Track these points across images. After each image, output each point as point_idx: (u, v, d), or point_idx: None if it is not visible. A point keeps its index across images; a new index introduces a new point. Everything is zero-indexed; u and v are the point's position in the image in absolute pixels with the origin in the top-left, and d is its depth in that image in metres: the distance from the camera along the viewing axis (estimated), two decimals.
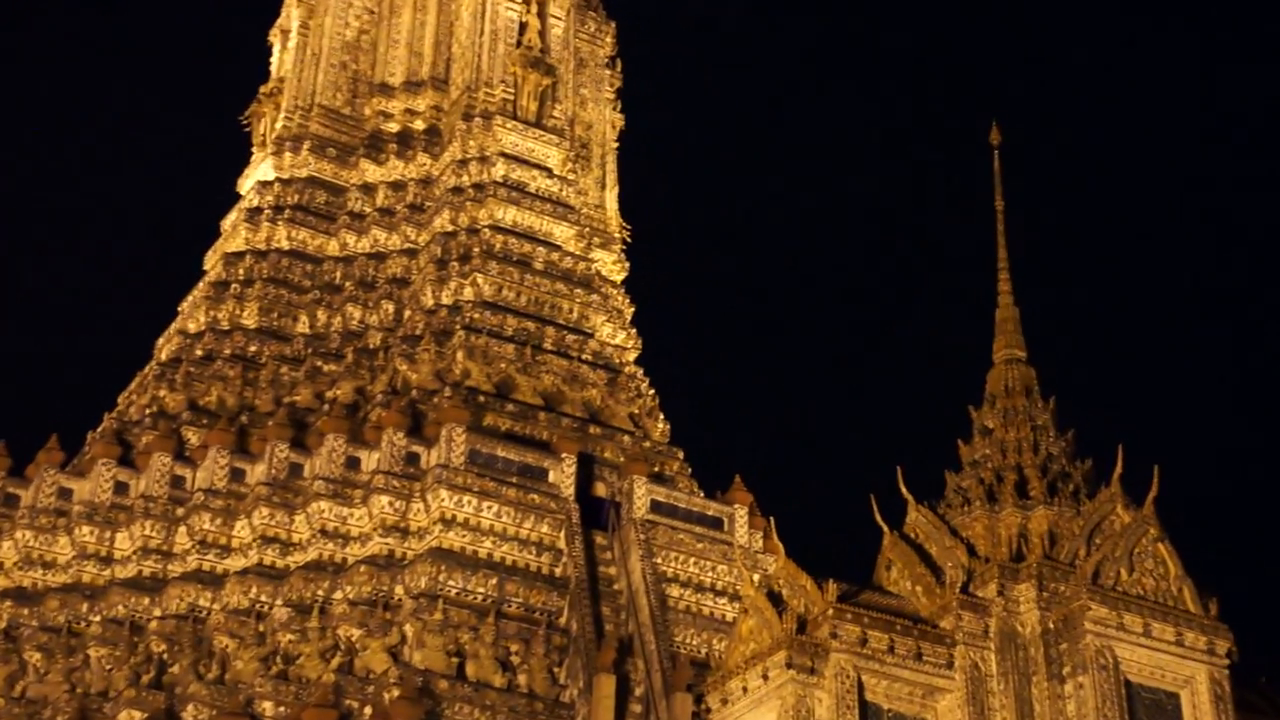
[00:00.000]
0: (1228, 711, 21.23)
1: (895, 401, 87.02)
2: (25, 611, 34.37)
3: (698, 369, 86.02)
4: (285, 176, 45.04)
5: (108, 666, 33.16)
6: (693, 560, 35.59)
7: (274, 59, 49.17)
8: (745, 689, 21.57)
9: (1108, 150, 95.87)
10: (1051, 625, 21.52)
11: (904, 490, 23.88)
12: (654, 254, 55.50)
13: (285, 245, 43.47)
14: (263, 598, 33.94)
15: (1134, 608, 21.47)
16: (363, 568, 33.97)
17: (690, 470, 39.59)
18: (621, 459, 37.60)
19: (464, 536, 34.44)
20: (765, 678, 21.28)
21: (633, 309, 44.66)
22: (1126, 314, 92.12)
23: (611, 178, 48.81)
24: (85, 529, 35.78)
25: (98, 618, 34.05)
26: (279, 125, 46.52)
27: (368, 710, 30.46)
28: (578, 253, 43.60)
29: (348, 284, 42.66)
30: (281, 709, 31.09)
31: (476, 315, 40.01)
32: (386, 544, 34.64)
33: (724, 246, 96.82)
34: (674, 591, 34.89)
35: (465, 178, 43.66)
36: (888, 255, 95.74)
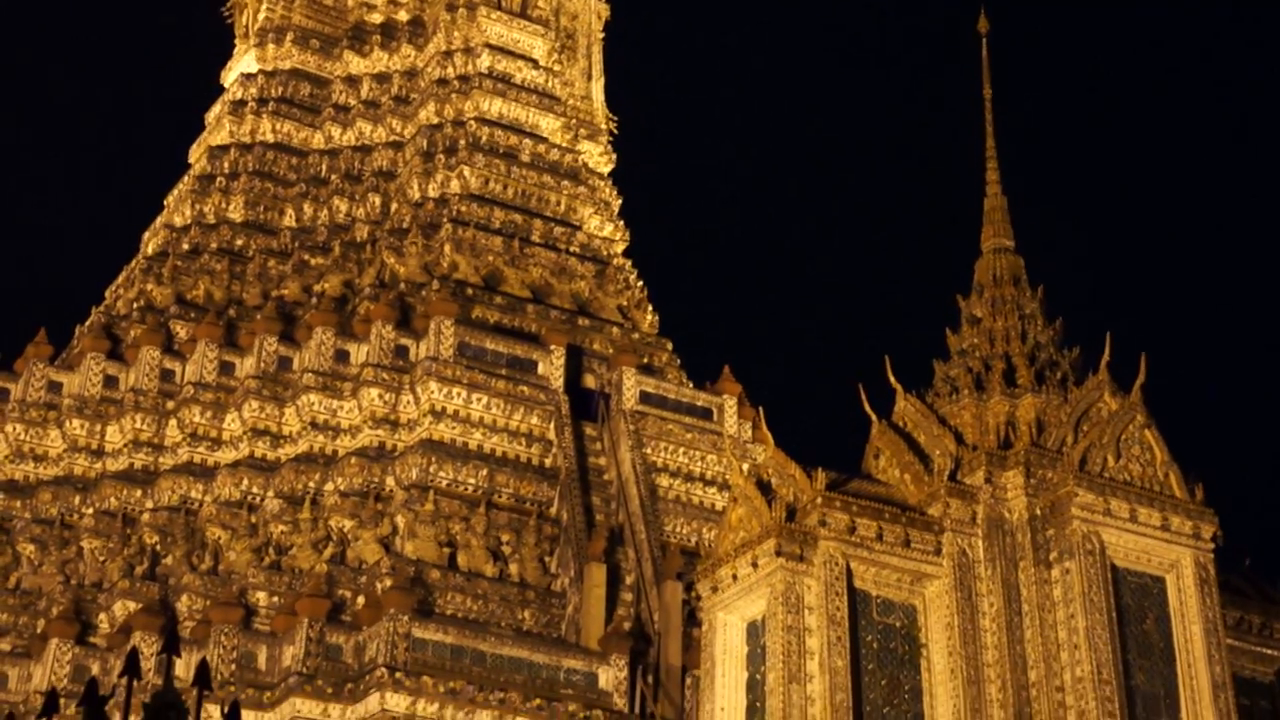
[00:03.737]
0: (1212, 594, 21.40)
1: (884, 292, 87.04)
2: (17, 504, 34.54)
3: (686, 261, 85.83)
4: (269, 69, 44.76)
5: (101, 558, 33.40)
6: (682, 450, 35.79)
7: None
8: (735, 576, 21.67)
9: (1099, 38, 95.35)
10: (1039, 511, 21.62)
11: (892, 379, 23.87)
12: (641, 146, 55.26)
13: (270, 138, 43.26)
14: (254, 489, 34.12)
15: (1120, 493, 21.53)
16: (353, 460, 34.12)
17: (679, 361, 39.68)
18: (610, 350, 37.66)
19: (454, 428, 34.58)
20: (755, 565, 21.38)
21: (620, 201, 44.47)
22: (1116, 202, 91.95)
23: (598, 69, 48.38)
24: (75, 422, 35.89)
25: (90, 510, 34.26)
26: (261, 16, 46.12)
27: (360, 600, 30.72)
28: (564, 145, 43.41)
29: (333, 177, 42.50)
30: (275, 599, 31.35)
31: (463, 208, 39.92)
32: (377, 436, 34.80)
33: (711, 138, 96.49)
34: (663, 481, 35.12)
35: (450, 69, 43.35)
36: (877, 145, 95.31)
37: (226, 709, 8.44)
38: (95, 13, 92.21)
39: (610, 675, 30.02)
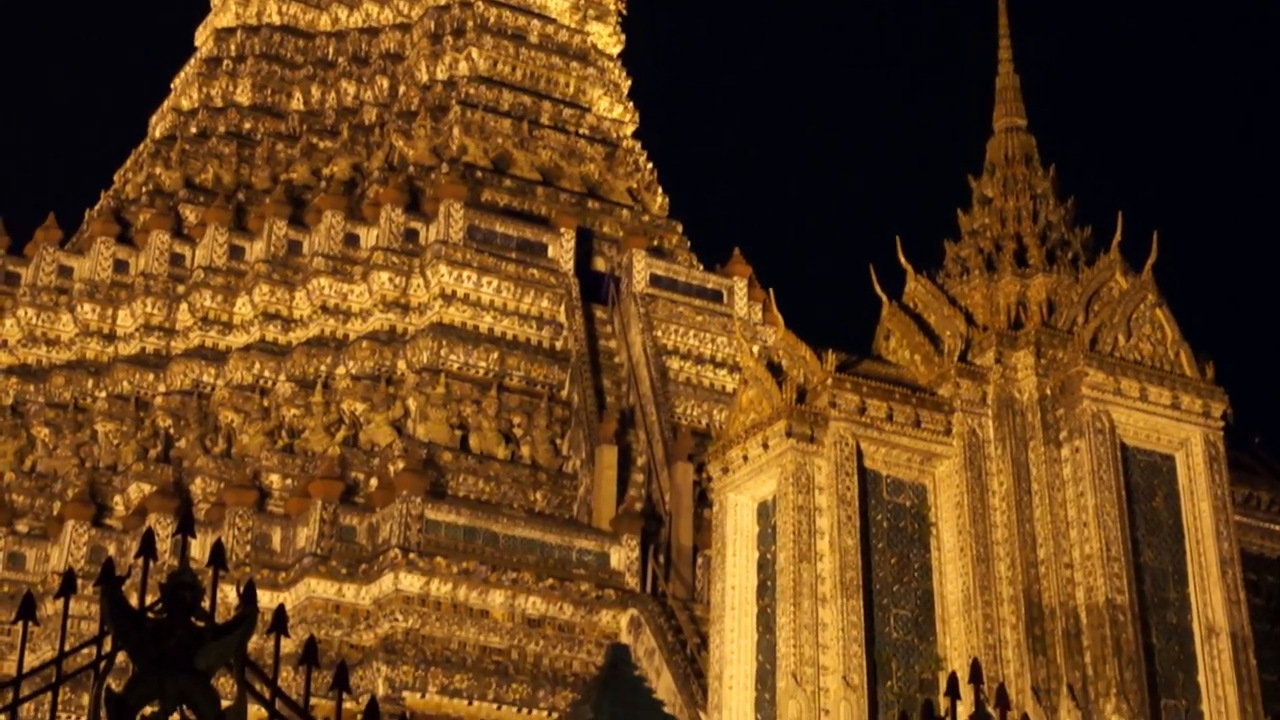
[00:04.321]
0: (1221, 472, 21.50)
1: (895, 172, 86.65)
2: (31, 388, 34.73)
3: (696, 142, 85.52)
4: None
5: (115, 441, 33.62)
6: (692, 333, 35.86)
7: None
8: (746, 457, 21.77)
9: None
10: (1049, 391, 21.66)
11: (903, 260, 23.82)
12: (650, 25, 54.74)
13: (276, 20, 43.00)
14: (266, 373, 34.28)
15: (1131, 372, 21.56)
16: (364, 343, 34.24)
17: (689, 244, 39.65)
18: (620, 233, 37.66)
19: (464, 311, 34.65)
20: (765, 446, 21.47)
21: (629, 82, 44.22)
22: (1129, 81, 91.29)
23: None
24: (87, 306, 36.01)
25: (103, 393, 34.46)
26: None
27: (373, 482, 30.95)
28: (573, 26, 43.10)
29: (341, 60, 42.30)
30: (288, 481, 31.59)
31: (472, 90, 39.75)
32: (387, 319, 34.88)
33: (721, 16, 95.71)
34: (674, 364, 35.21)
35: None
36: (893, 26, 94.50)
37: (242, 589, 8.49)
38: None
39: (622, 555, 30.29)
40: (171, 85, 43.69)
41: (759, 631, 20.95)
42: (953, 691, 10.60)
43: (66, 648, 8.30)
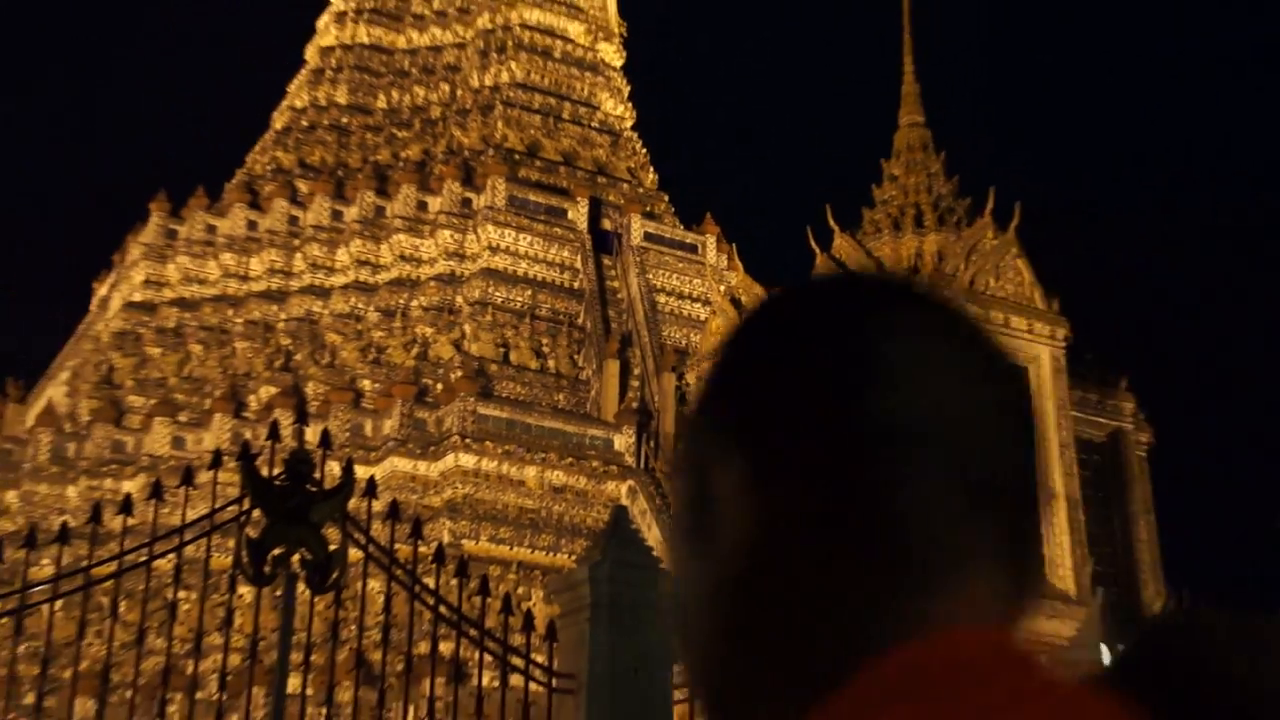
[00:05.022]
0: (1062, 379, 21.60)
1: (828, 156, 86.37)
2: (188, 315, 34.81)
3: (680, 131, 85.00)
4: None
5: (249, 355, 33.64)
6: (675, 276, 35.85)
7: None
8: None
9: None
10: None
11: (831, 223, 23.84)
12: (645, 45, 54.48)
13: (365, 40, 42.65)
14: (359, 305, 34.29)
15: (998, 306, 21.57)
16: (432, 283, 34.24)
17: (674, 210, 39.53)
18: (622, 201, 37.52)
19: (506, 260, 34.64)
20: None
21: (629, 88, 44.03)
22: (1001, 84, 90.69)
23: None
24: (227, 255, 35.99)
25: (240, 320, 34.51)
26: None
27: (439, 386, 31.04)
28: (586, 45, 42.75)
29: (414, 70, 42.02)
30: (376, 385, 31.68)
31: (511, 93, 39.55)
32: (449, 265, 34.84)
33: (702, 38, 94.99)
34: (662, 299, 35.22)
35: None
36: (839, 42, 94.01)
37: (342, 465, 8.73)
38: None
39: (623, 440, 30.45)
40: (287, 89, 43.47)
41: None
42: None
43: (216, 506, 8.53)
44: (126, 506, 8.34)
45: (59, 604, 10.02)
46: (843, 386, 1.01)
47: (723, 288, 27.58)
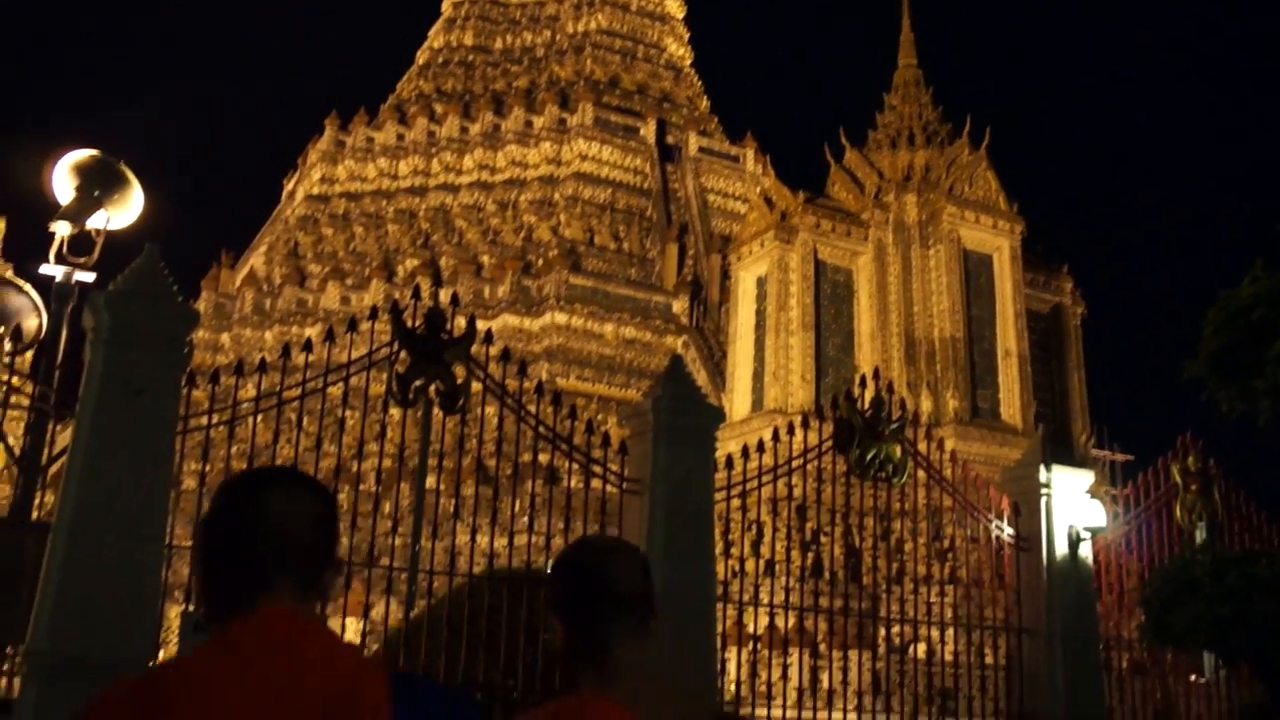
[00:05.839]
0: (1018, 264, 21.20)
1: (844, 88, 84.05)
2: (353, 205, 34.91)
3: (730, 67, 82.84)
4: None
5: (398, 235, 33.79)
6: (722, 179, 35.37)
7: None
8: (750, 252, 21.68)
9: None
10: (923, 217, 21.31)
11: (844, 140, 23.35)
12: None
13: None
14: (480, 199, 34.17)
15: (970, 207, 21.15)
16: (535, 183, 34.00)
17: (722, 129, 38.84)
18: (682, 122, 36.86)
19: (593, 165, 34.27)
20: (761, 245, 21.34)
21: (689, 33, 42.86)
22: (977, 26, 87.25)
23: None
24: (381, 160, 35.87)
25: (391, 209, 34.55)
26: None
27: (540, 261, 31.06)
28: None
29: (523, 19, 41.06)
30: (493, 259, 31.74)
31: (597, 38, 38.63)
32: (549, 169, 34.55)
33: None
34: (712, 198, 34.84)
35: None
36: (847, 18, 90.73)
37: (467, 319, 8.67)
38: None
39: (680, 305, 30.44)
40: (428, 34, 42.76)
41: (755, 350, 21.15)
42: (862, 384, 10.74)
43: (373, 348, 8.55)
44: (308, 346, 8.38)
45: (260, 418, 10.22)
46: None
47: (758, 189, 27.13)
